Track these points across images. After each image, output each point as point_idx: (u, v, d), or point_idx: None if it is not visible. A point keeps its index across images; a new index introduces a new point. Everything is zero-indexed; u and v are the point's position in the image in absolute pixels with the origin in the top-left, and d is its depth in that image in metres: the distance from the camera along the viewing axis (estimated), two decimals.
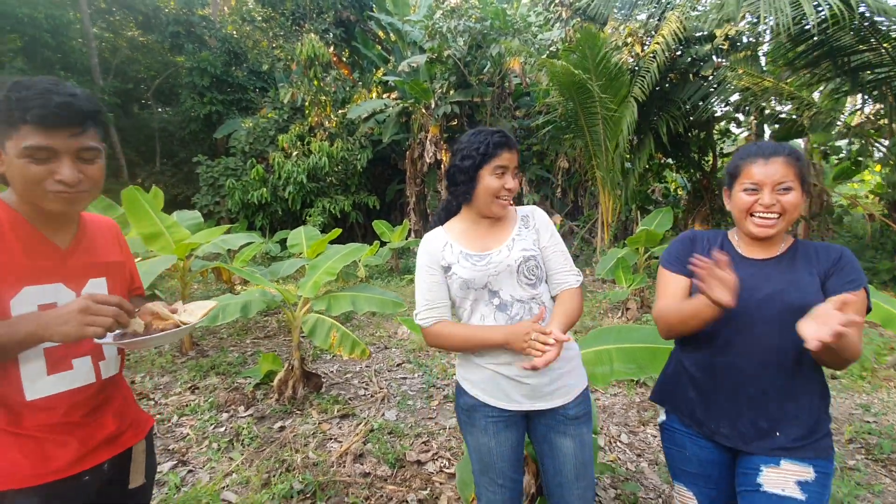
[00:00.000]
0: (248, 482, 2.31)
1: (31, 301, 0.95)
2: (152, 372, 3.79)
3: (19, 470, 0.92)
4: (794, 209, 1.18)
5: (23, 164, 0.89)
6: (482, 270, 1.33)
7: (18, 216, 0.96)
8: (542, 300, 1.37)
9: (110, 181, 16.05)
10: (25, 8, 13.06)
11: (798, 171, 1.18)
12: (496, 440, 1.37)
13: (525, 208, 1.46)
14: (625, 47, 7.66)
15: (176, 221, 4.10)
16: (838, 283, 1.17)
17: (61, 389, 0.98)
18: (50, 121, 0.88)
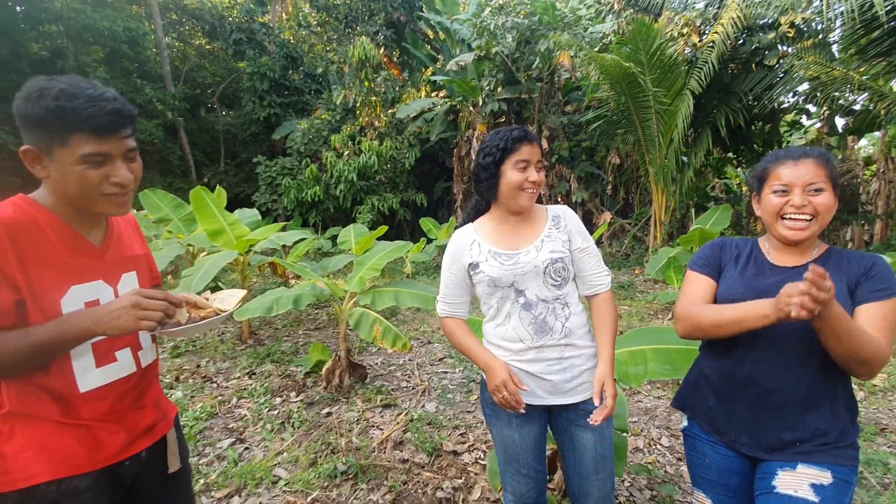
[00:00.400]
0: (297, 461, 2.50)
1: (78, 299, 0.99)
2: (215, 357, 4.12)
3: (76, 458, 0.98)
4: (827, 211, 1.14)
5: (81, 171, 0.92)
6: (510, 270, 1.36)
7: (55, 217, 0.98)
8: (566, 300, 1.39)
9: (181, 180, 17.27)
10: (106, 21, 14.30)
11: (829, 172, 1.15)
12: (519, 433, 1.43)
13: (556, 208, 1.47)
14: (681, 38, 7.34)
15: (237, 219, 4.41)
16: (866, 291, 1.13)
17: (109, 380, 1.04)
18: (106, 129, 0.92)
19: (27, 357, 0.89)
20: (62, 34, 14.59)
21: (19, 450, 0.94)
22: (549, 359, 1.37)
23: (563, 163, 10.29)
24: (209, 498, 2.21)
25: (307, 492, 2.25)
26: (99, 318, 0.91)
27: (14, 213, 0.92)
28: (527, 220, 1.44)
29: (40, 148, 0.91)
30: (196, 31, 18.79)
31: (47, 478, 0.93)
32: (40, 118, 0.88)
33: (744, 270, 1.28)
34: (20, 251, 0.91)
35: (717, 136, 8.07)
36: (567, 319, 1.38)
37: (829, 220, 1.17)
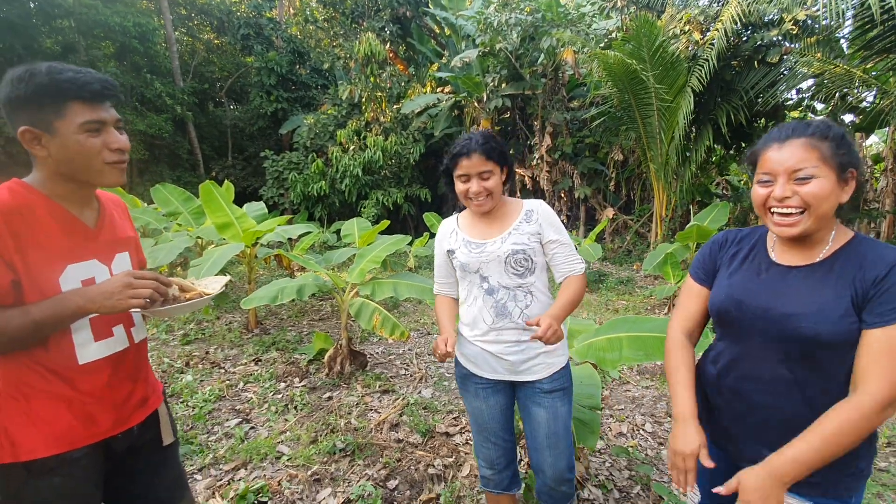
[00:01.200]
0: (299, 439, 2.66)
1: (75, 277, 1.03)
2: (223, 345, 4.29)
3: (73, 432, 1.04)
4: (819, 201, 0.96)
5: (83, 139, 0.97)
6: (476, 257, 1.51)
7: (49, 200, 1.02)
8: (529, 289, 1.51)
9: (189, 174, 17.46)
10: (117, 17, 14.49)
11: (822, 154, 0.96)
12: (486, 404, 1.59)
13: (532, 202, 1.57)
14: (683, 35, 7.39)
15: (245, 212, 4.57)
16: (878, 311, 0.93)
17: (106, 354, 1.09)
18: (99, 95, 0.98)
19: (27, 333, 0.94)
20: (74, 29, 14.81)
21: (20, 424, 1.00)
22: (508, 341, 1.51)
23: (567, 159, 10.37)
24: (218, 470, 2.38)
25: (308, 466, 2.41)
26: (93, 297, 0.97)
27: (10, 197, 0.96)
28: (499, 214, 1.56)
29: (38, 126, 0.96)
30: (204, 25, 18.95)
31: (46, 453, 1.00)
32: (36, 94, 0.94)
33: (737, 271, 1.14)
34: (16, 234, 0.95)
35: (718, 134, 8.11)
36: (527, 307, 1.50)
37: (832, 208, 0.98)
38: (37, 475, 1.01)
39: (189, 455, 2.50)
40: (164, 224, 6.27)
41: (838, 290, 0.97)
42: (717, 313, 1.14)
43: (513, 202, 1.59)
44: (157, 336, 4.47)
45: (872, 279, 0.95)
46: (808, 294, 1.00)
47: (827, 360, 0.99)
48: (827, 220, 1.00)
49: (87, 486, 1.08)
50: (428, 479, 2.35)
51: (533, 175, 10.61)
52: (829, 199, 0.96)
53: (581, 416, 1.80)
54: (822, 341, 0.96)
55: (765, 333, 1.04)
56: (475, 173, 1.45)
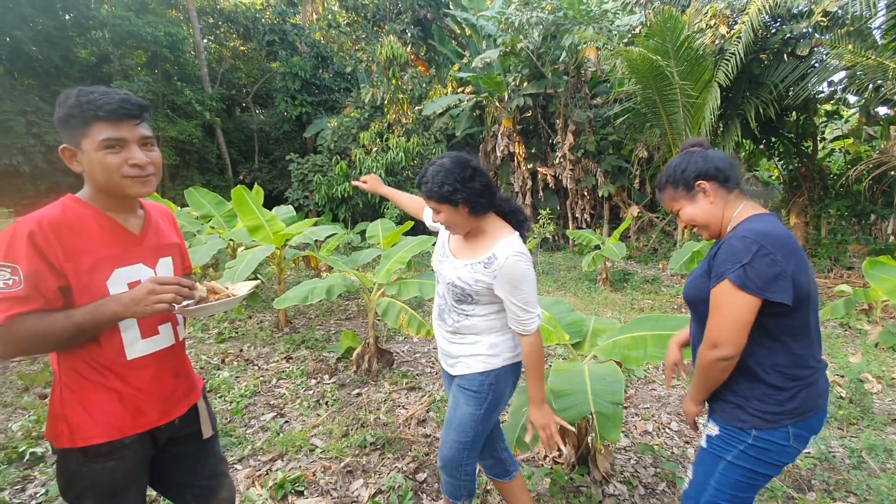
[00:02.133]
0: (331, 433, 2.77)
1: (122, 280, 1.13)
2: (255, 343, 4.46)
3: (123, 422, 1.14)
4: (691, 222, 1.34)
5: (102, 156, 1.06)
6: (437, 265, 1.69)
7: (97, 210, 1.13)
8: (466, 313, 1.58)
9: (218, 178, 17.94)
10: (148, 27, 15.04)
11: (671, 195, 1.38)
12: (445, 385, 1.85)
13: (502, 247, 1.47)
14: (708, 29, 7.25)
15: (274, 216, 4.73)
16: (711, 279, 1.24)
17: (152, 350, 1.19)
18: (117, 114, 1.06)
19: (70, 336, 1.03)
20: (108, 40, 15.42)
21: (78, 414, 1.10)
22: (443, 343, 1.69)
23: (590, 157, 10.29)
24: (256, 461, 2.50)
25: (340, 458, 2.52)
26: (125, 303, 1.06)
27: (60, 212, 1.08)
28: (475, 241, 1.56)
29: (72, 144, 1.07)
30: (231, 33, 19.46)
31: (101, 439, 1.11)
32: (67, 116, 1.05)
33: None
34: (65, 244, 1.05)
35: (746, 129, 7.94)
36: (459, 322, 1.60)
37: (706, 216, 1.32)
38: (92, 459, 1.12)
39: (229, 447, 2.63)
40: (196, 227, 6.52)
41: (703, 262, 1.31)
42: None
43: (490, 234, 1.53)
44: (194, 335, 4.67)
45: (712, 253, 1.26)
46: (700, 269, 1.33)
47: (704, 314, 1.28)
48: (720, 213, 1.31)
49: (136, 469, 1.20)
50: None
51: (555, 174, 10.57)
52: (698, 215, 1.33)
53: (604, 410, 1.84)
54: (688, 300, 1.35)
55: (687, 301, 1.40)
56: (432, 209, 1.53)
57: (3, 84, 12.34)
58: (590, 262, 6.86)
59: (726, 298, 1.19)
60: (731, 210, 1.31)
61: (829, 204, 8.44)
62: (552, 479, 2.26)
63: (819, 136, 9.02)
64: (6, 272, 1.00)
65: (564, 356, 4.10)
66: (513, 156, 11.00)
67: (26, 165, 12.24)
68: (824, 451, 2.61)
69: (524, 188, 10.88)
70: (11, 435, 2.74)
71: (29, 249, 1.01)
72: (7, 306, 0.99)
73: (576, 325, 2.42)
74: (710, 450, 1.34)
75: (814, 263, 8.12)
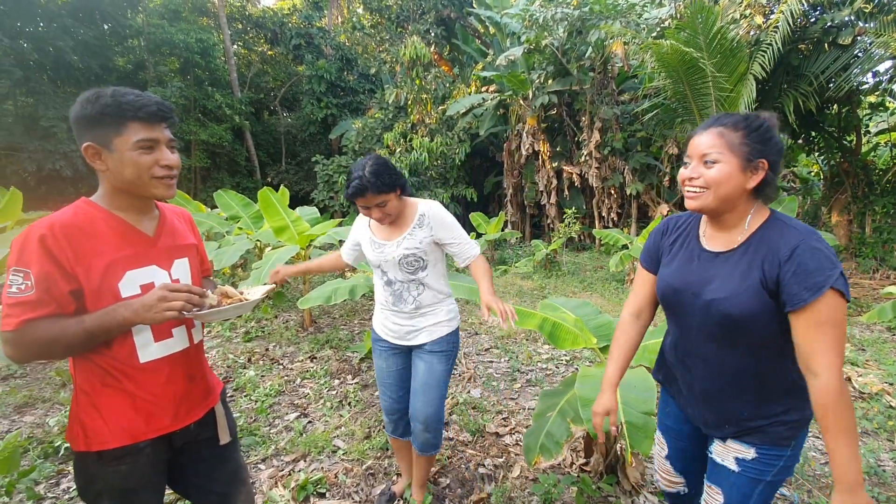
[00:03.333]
0: (354, 434, 2.76)
1: (134, 282, 1.12)
2: (281, 342, 4.51)
3: (137, 427, 1.14)
4: (718, 183, 1.09)
5: (136, 156, 1.07)
6: (377, 256, 1.82)
7: (110, 213, 1.13)
8: (422, 282, 1.81)
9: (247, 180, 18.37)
10: (181, 34, 15.53)
11: (728, 142, 1.09)
12: (386, 363, 1.97)
13: (425, 205, 1.80)
14: (743, 19, 6.97)
15: (299, 216, 4.78)
16: (794, 292, 1.03)
17: (164, 354, 1.18)
18: (154, 117, 1.08)
19: (81, 341, 1.03)
20: (143, 48, 15.99)
21: (92, 417, 1.11)
22: (403, 322, 1.86)
23: (617, 154, 10.05)
24: (279, 461, 2.51)
25: (362, 460, 2.50)
26: (136, 309, 1.04)
27: (72, 215, 1.08)
28: (399, 218, 1.80)
29: (99, 142, 1.06)
30: (259, 38, 19.91)
31: (114, 444, 1.11)
32: (101, 114, 1.04)
33: (675, 258, 1.28)
34: (76, 247, 1.04)
35: (784, 122, 7.59)
36: (419, 295, 1.82)
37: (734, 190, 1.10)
38: (107, 462, 1.12)
39: (253, 446, 2.65)
40: (226, 228, 6.66)
41: (750, 269, 1.10)
42: (662, 299, 1.31)
43: (410, 205, 1.81)
44: (222, 333, 4.76)
45: (780, 259, 1.06)
46: (727, 277, 1.13)
47: (746, 334, 1.13)
48: (733, 202, 1.12)
49: (151, 473, 1.19)
50: (478, 478, 2.37)
51: (581, 172, 10.36)
52: (729, 182, 1.09)
53: (634, 419, 1.75)
54: (734, 319, 1.11)
55: (698, 312, 1.19)
56: (373, 205, 1.70)
57: (48, 92, 12.94)
58: (617, 263, 6.69)
59: (837, 310, 1.01)
60: (746, 208, 1.15)
61: (874, 201, 8.00)
62: (579, 488, 2.18)
63: (863, 130, 8.55)
64: (19, 277, 1.00)
65: (591, 360, 3.99)
66: (537, 154, 10.85)
67: (68, 170, 12.80)
68: (873, 464, 2.44)
69: (549, 187, 10.72)
70: (48, 430, 2.84)
71: (40, 253, 1.01)
72: (20, 311, 0.99)
73: (604, 329, 2.33)
74: (746, 474, 1.22)
75: (858, 264, 7.71)
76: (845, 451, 1.00)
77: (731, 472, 1.24)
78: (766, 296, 1.08)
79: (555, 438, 1.89)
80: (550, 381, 3.64)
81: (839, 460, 1.01)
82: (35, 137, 12.57)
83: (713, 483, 1.30)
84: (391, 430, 2.08)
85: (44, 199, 12.49)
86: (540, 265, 8.51)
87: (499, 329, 4.87)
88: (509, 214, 11.70)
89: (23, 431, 2.81)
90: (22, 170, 13.00)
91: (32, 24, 12.94)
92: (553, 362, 4.00)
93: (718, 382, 1.22)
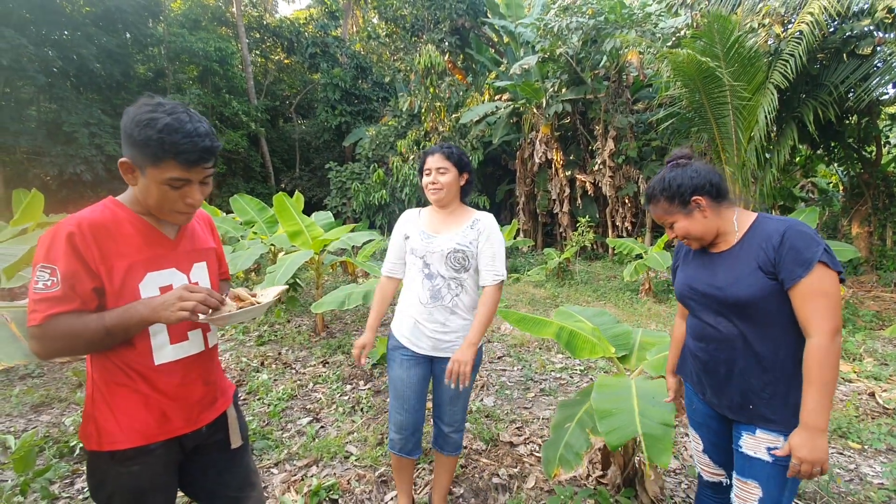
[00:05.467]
0: (366, 440, 2.74)
1: (154, 284, 1.14)
2: (293, 346, 4.51)
3: (149, 428, 1.14)
4: (689, 231, 1.37)
5: (164, 190, 1.08)
6: (425, 246, 1.83)
7: (136, 215, 1.14)
8: (462, 283, 1.83)
9: (261, 186, 18.60)
10: (200, 43, 15.86)
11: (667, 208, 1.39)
12: (407, 374, 1.89)
13: (481, 214, 1.89)
14: (762, 28, 6.91)
15: (313, 222, 4.80)
16: (789, 271, 1.21)
17: (180, 356, 1.18)
18: (195, 163, 1.07)
19: (101, 337, 1.03)
20: (163, 56, 16.35)
21: (107, 418, 1.11)
22: (437, 320, 1.82)
23: (631, 163, 9.98)
24: (292, 465, 2.50)
25: (375, 467, 2.47)
26: (154, 308, 1.05)
27: (100, 214, 1.09)
28: (453, 217, 1.88)
29: (136, 162, 1.07)
30: (276, 47, 20.26)
31: (125, 445, 1.11)
32: (143, 143, 1.03)
33: (689, 264, 1.49)
34: (102, 246, 1.06)
35: (804, 132, 7.49)
36: (457, 296, 1.83)
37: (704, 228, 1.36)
38: (119, 463, 1.12)
39: (266, 450, 2.64)
40: (241, 232, 6.73)
41: (746, 259, 1.30)
42: (680, 297, 1.51)
43: (468, 211, 1.90)
44: (235, 337, 4.78)
45: (773, 245, 1.24)
46: (729, 269, 1.33)
47: (755, 314, 1.28)
48: (713, 230, 1.37)
49: (163, 474, 1.19)
50: (492, 488, 2.33)
51: (595, 181, 10.30)
52: (696, 225, 1.36)
53: (653, 431, 1.71)
54: (742, 301, 1.28)
55: (712, 304, 1.37)
56: (434, 168, 1.81)
57: (70, 98, 13.26)
58: (632, 272, 6.61)
59: (826, 280, 1.18)
60: (725, 220, 1.37)
61: (895, 213, 7.82)
62: (596, 501, 2.13)
63: (883, 141, 8.40)
64: (46, 273, 1.01)
65: (606, 370, 3.93)
66: (550, 163, 10.83)
67: (88, 174, 13.08)
68: None
69: (562, 196, 10.67)
70: (64, 429, 2.86)
71: (67, 250, 1.02)
72: (46, 306, 1.01)
73: (622, 338, 2.29)
74: (780, 462, 1.28)
75: (879, 276, 7.52)
76: (819, 399, 1.16)
77: (765, 463, 1.30)
78: (764, 277, 1.25)
79: (574, 450, 1.85)
80: (565, 390, 3.58)
81: (810, 406, 1.17)
82: (57, 142, 12.87)
83: (748, 478, 1.34)
84: (399, 447, 1.96)
85: (64, 203, 12.75)
86: (552, 274, 8.45)
87: (511, 337, 4.82)
88: (521, 223, 11.66)
89: (39, 431, 2.84)
90: (44, 173, 13.31)
91: (57, 31, 13.30)
92: (567, 372, 3.94)
93: (740, 363, 1.33)
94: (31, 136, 12.53)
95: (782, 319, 1.26)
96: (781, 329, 1.27)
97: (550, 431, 2.05)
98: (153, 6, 14.92)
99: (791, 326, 1.25)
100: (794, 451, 1.18)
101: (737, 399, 1.35)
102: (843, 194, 9.23)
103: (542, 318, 2.28)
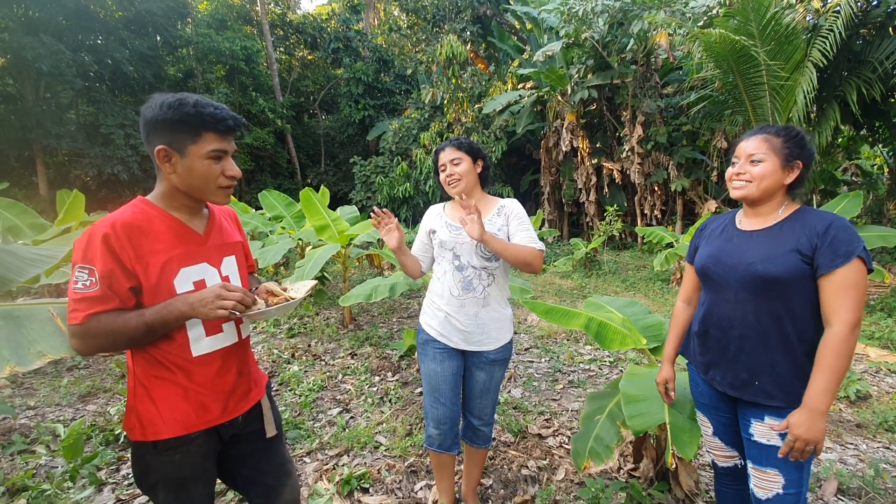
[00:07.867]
0: (395, 431, 2.77)
1: (188, 279, 1.17)
2: (322, 339, 4.60)
3: (189, 419, 1.18)
4: (762, 178, 1.34)
5: (207, 165, 1.13)
6: (454, 238, 1.82)
7: (165, 212, 1.18)
8: (493, 272, 1.82)
9: (288, 181, 18.94)
10: (227, 43, 16.16)
11: (772, 145, 1.34)
12: (441, 367, 1.87)
13: (505, 201, 1.89)
14: (799, 4, 6.56)
15: (339, 216, 4.85)
16: (828, 259, 1.23)
17: (216, 348, 1.22)
18: (229, 130, 1.15)
19: (141, 333, 1.08)
20: (192, 57, 16.75)
21: (149, 409, 1.16)
22: (469, 313, 1.80)
23: (661, 149, 9.68)
24: (324, 455, 2.55)
25: (404, 457, 2.50)
26: (192, 303, 1.09)
27: (132, 214, 1.13)
28: (478, 206, 1.82)
29: (173, 147, 1.11)
30: (299, 43, 20.46)
31: (167, 434, 1.15)
32: (182, 120, 1.08)
33: (715, 240, 1.49)
34: (136, 245, 1.10)
35: (846, 112, 7.10)
36: (488, 286, 1.81)
37: (775, 185, 1.34)
38: (162, 452, 1.17)
39: (299, 439, 2.70)
40: (269, 227, 6.87)
41: (785, 240, 1.31)
42: (701, 270, 1.49)
43: (491, 200, 1.90)
44: (267, 329, 4.90)
45: (817, 232, 1.26)
46: (764, 246, 1.34)
47: (778, 293, 1.30)
48: (771, 194, 1.36)
49: (203, 463, 1.24)
50: (521, 480, 2.32)
51: (622, 168, 10.05)
52: (771, 177, 1.34)
53: (679, 422, 1.66)
54: (770, 277, 1.29)
55: (737, 279, 1.37)
56: (448, 161, 1.82)
57: (106, 101, 13.76)
58: (662, 262, 6.44)
59: (860, 275, 1.22)
60: (779, 200, 1.39)
61: None
62: (628, 494, 2.09)
63: None
64: (84, 273, 1.05)
65: (637, 361, 3.85)
66: (576, 151, 10.62)
67: (125, 174, 13.58)
68: None
69: (588, 184, 10.47)
70: (109, 418, 3.00)
71: (104, 251, 1.06)
72: (86, 306, 1.05)
73: (654, 329, 2.23)
74: None
75: None
76: (826, 385, 1.19)
77: (777, 448, 1.31)
78: (798, 260, 1.27)
79: (605, 442, 1.82)
80: (594, 382, 3.53)
81: (817, 388, 1.20)
82: (95, 144, 13.41)
83: (766, 467, 1.34)
84: (438, 443, 1.91)
85: (103, 202, 13.30)
86: (579, 264, 8.32)
87: (538, 328, 4.78)
88: (546, 213, 11.50)
89: (86, 419, 2.98)
90: (84, 174, 13.90)
91: (92, 36, 13.80)
92: (596, 363, 3.89)
93: (752, 339, 1.35)
94: (71, 139, 13.09)
95: (801, 302, 1.29)
96: (798, 312, 1.30)
97: (580, 423, 2.03)
98: (181, 7, 15.29)
99: (808, 311, 1.29)
100: (791, 429, 1.22)
101: (743, 375, 1.37)
102: (889, 177, 8.73)
103: (571, 308, 2.24)
